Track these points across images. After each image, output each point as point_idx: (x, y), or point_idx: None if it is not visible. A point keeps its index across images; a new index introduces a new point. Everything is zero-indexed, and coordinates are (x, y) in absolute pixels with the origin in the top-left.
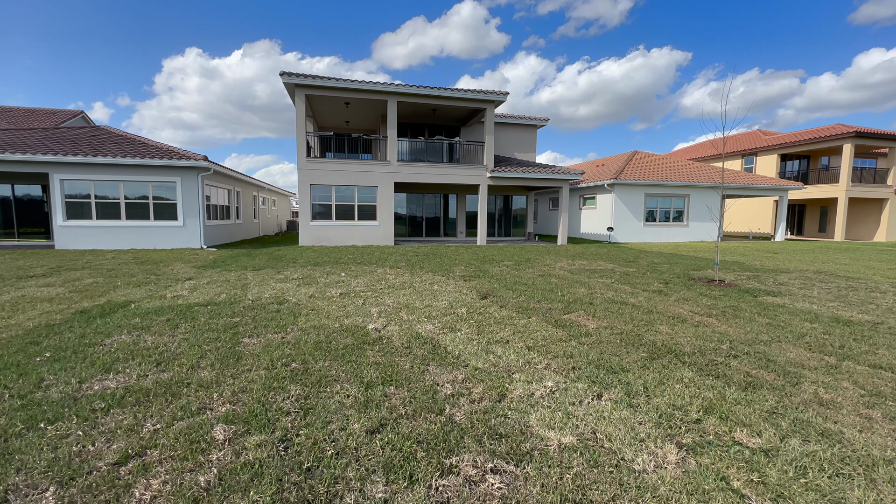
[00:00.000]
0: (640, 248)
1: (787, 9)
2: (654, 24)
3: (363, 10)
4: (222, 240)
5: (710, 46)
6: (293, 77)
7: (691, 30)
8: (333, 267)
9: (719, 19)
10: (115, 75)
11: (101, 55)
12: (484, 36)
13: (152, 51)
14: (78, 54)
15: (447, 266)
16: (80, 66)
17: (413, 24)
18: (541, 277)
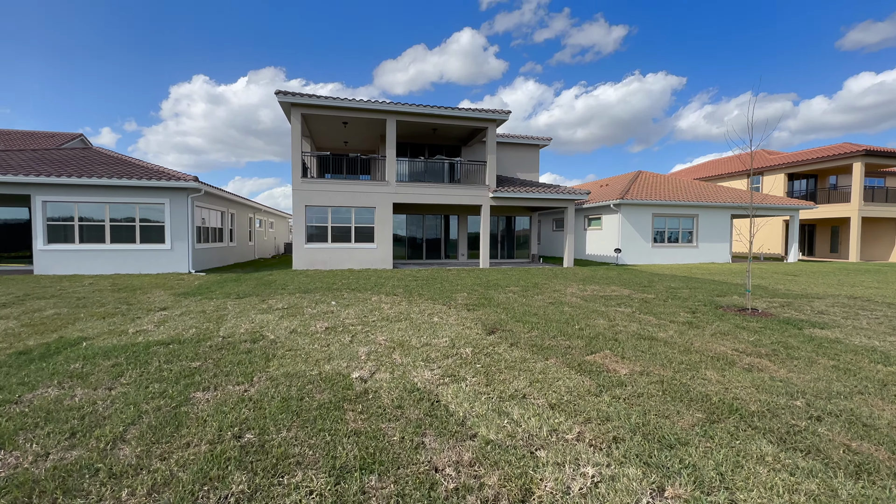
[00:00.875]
0: (652, 271)
1: (777, 35)
2: (648, 51)
3: (365, 38)
4: (213, 263)
5: (704, 71)
6: (289, 96)
7: (685, 55)
8: (324, 294)
9: (712, 45)
10: (124, 102)
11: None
12: (482, 62)
13: (160, 78)
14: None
15: (448, 293)
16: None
17: (413, 52)
18: (552, 306)
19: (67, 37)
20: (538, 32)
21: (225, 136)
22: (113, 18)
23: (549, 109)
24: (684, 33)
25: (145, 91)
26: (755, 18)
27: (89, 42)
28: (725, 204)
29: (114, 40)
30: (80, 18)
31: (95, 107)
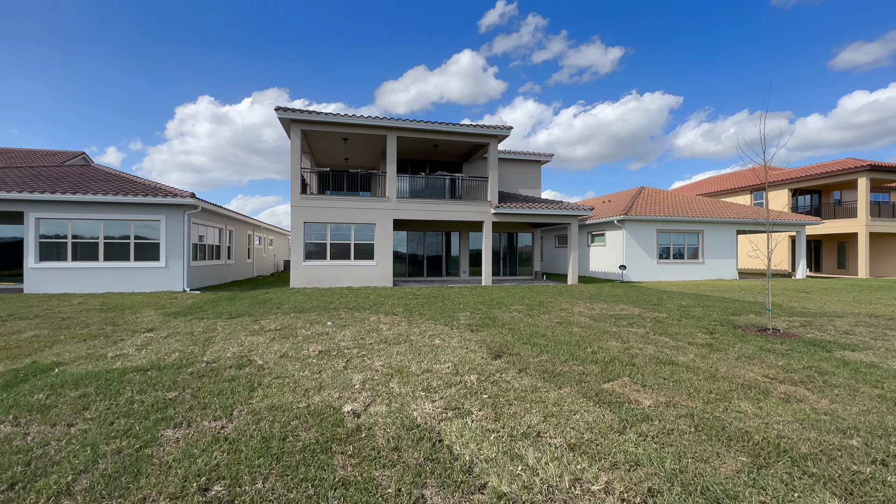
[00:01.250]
0: (659, 288)
1: (771, 55)
2: (645, 71)
3: (367, 61)
4: (210, 281)
5: (700, 90)
6: (288, 112)
7: (680, 75)
8: (320, 314)
9: (707, 65)
10: (130, 122)
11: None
12: (482, 83)
13: (166, 99)
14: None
15: (450, 312)
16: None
17: (414, 73)
18: (560, 326)
19: (77, 61)
20: (536, 54)
21: (228, 154)
22: (120, 41)
23: (548, 128)
24: (679, 54)
25: (151, 112)
26: (749, 39)
27: (98, 65)
28: (731, 220)
29: (121, 64)
30: (89, 43)
31: (102, 127)
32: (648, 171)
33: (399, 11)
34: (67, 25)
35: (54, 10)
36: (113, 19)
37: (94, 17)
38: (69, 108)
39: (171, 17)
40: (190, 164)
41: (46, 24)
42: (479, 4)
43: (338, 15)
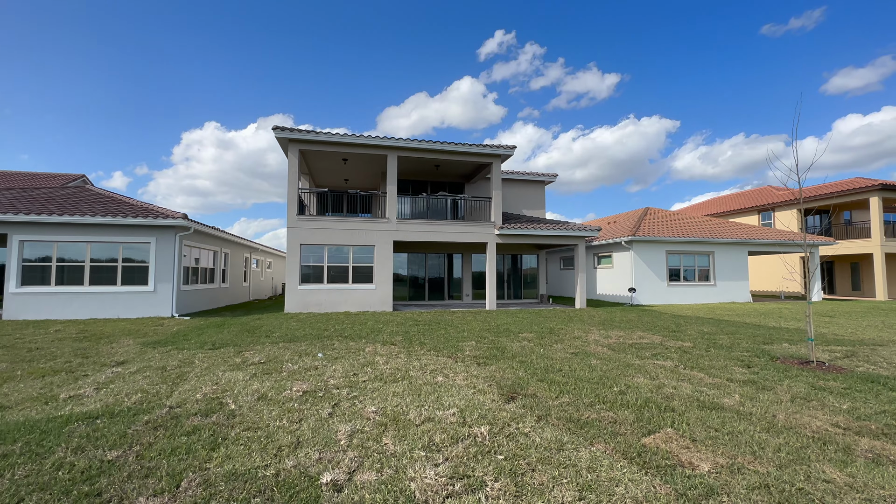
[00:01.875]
0: (672, 312)
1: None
2: (641, 96)
3: (370, 89)
4: (201, 306)
5: (697, 114)
6: (286, 131)
7: (677, 100)
8: (312, 344)
9: (703, 90)
10: (136, 147)
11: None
12: (482, 108)
13: (173, 125)
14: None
15: (454, 341)
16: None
17: (416, 99)
18: (577, 358)
19: (85, 89)
20: (534, 80)
21: (232, 178)
22: (128, 68)
23: (547, 151)
24: (675, 80)
25: (158, 138)
26: (742, 66)
27: (106, 92)
28: (742, 240)
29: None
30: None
31: (108, 152)
32: (647, 194)
33: (402, 41)
34: (76, 53)
35: (60, 35)
36: (120, 46)
37: (100, 43)
38: (77, 134)
39: (180, 45)
40: (194, 188)
41: (54, 52)
42: (479, 34)
43: (342, 44)
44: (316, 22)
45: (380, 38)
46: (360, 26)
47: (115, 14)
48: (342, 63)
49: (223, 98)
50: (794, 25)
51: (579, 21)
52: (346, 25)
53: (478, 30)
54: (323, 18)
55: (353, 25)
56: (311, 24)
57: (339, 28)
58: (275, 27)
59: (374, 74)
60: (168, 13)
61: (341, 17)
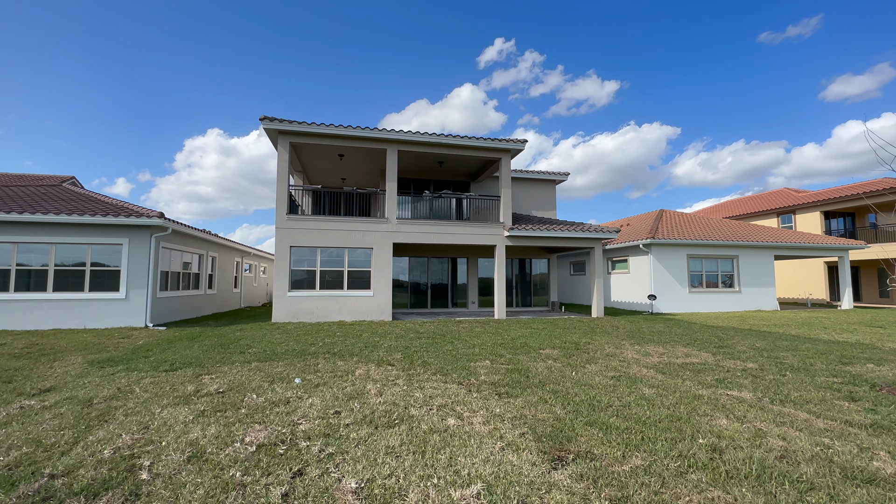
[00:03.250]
0: (702, 322)
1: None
2: (641, 103)
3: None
4: (183, 314)
5: (698, 121)
6: (275, 122)
7: (677, 107)
8: (292, 363)
9: (703, 97)
10: (139, 153)
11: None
12: (482, 115)
13: (176, 131)
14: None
15: (464, 360)
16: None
17: (416, 106)
18: (622, 385)
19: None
20: (534, 88)
21: (234, 185)
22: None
23: (548, 158)
24: (675, 87)
25: (161, 144)
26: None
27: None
28: (769, 244)
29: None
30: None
31: (112, 158)
32: (648, 200)
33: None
34: (79, 60)
35: (64, 41)
36: (123, 52)
37: (104, 50)
38: (81, 140)
39: (183, 51)
40: (196, 195)
41: (57, 59)
42: (478, 42)
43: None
44: (318, 30)
45: (381, 46)
46: (361, 34)
47: (117, 20)
48: (343, 70)
49: (226, 105)
50: (792, 33)
51: (578, 29)
52: (348, 33)
53: (477, 38)
54: (325, 27)
55: (354, 33)
56: (313, 33)
57: (341, 36)
58: (277, 35)
59: (375, 82)
60: (172, 19)
61: (343, 25)
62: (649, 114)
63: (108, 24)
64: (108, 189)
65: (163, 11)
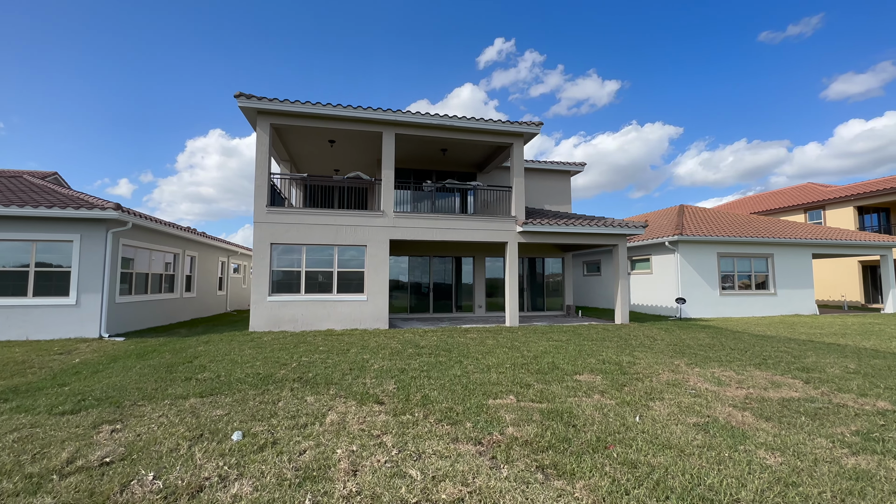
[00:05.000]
0: (743, 330)
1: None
2: (642, 103)
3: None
4: (151, 321)
5: (700, 120)
6: (253, 100)
7: (679, 107)
8: (243, 399)
9: (705, 96)
10: (142, 154)
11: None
12: (482, 114)
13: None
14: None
15: (479, 394)
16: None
17: (417, 107)
18: (718, 442)
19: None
20: (534, 88)
21: (237, 185)
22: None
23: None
24: (676, 86)
25: (163, 145)
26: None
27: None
28: (807, 241)
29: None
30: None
31: (115, 160)
32: (650, 200)
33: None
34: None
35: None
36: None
37: (105, 52)
38: (84, 142)
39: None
40: (198, 195)
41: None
42: (478, 42)
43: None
44: (317, 30)
45: (381, 46)
46: (361, 35)
47: (119, 22)
48: (343, 71)
49: (227, 105)
50: (793, 32)
51: (578, 29)
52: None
53: (477, 37)
54: (324, 27)
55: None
56: (313, 33)
57: (340, 36)
58: (277, 35)
59: (375, 83)
60: (173, 21)
61: (342, 25)
62: (651, 113)
63: (109, 22)
64: (110, 190)
65: (163, 10)
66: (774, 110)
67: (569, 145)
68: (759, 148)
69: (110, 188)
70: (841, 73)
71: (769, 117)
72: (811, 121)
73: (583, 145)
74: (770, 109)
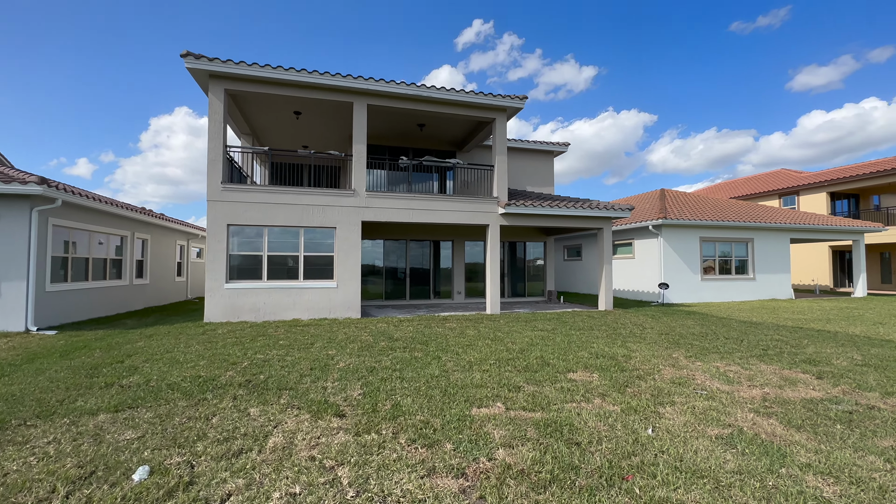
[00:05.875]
0: (732, 317)
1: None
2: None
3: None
4: (94, 311)
5: (673, 108)
6: (203, 61)
7: (653, 94)
8: (169, 414)
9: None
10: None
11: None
12: None
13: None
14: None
15: (460, 400)
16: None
17: None
18: (752, 464)
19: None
20: (512, 71)
21: (205, 166)
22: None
23: None
24: (650, 74)
25: (125, 122)
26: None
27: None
28: (786, 226)
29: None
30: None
31: (73, 137)
32: (624, 186)
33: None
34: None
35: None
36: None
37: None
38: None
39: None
40: (165, 177)
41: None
42: (456, 23)
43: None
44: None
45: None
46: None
47: None
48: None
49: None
50: (762, 23)
51: (556, 13)
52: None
53: (455, 18)
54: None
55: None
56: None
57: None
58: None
59: (353, 63)
60: None
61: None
62: (627, 101)
63: None
64: (68, 170)
65: None
66: (743, 100)
67: (546, 131)
68: (727, 137)
69: (69, 168)
70: (806, 64)
71: (738, 107)
72: (777, 111)
73: (560, 131)
74: (739, 99)
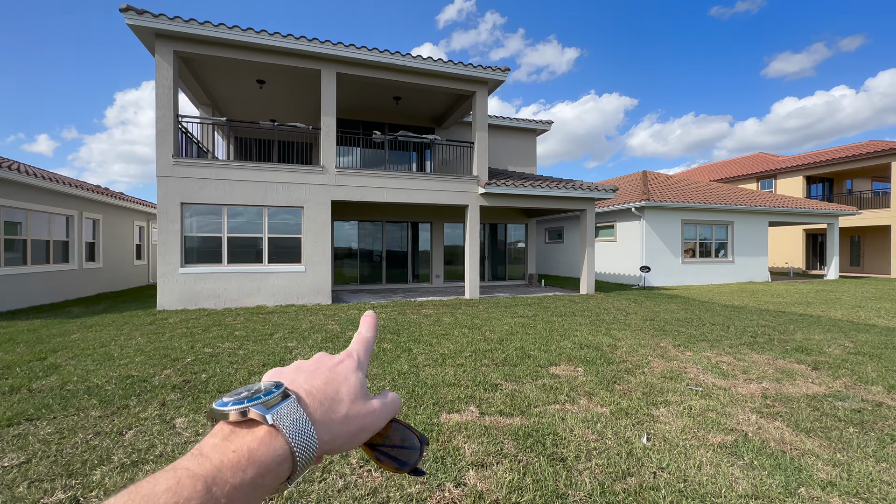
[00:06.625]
0: (713, 300)
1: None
2: (599, 73)
3: None
4: (34, 299)
5: (653, 93)
6: (146, 17)
7: (634, 78)
8: (82, 423)
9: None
10: (63, 108)
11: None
12: None
13: (104, 83)
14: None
15: (429, 402)
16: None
17: None
18: (765, 481)
19: None
20: (494, 51)
21: None
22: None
23: None
24: (632, 58)
25: (88, 97)
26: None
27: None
28: (766, 209)
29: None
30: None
31: (32, 113)
32: (604, 169)
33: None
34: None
35: None
36: None
37: None
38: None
39: None
40: (133, 155)
41: None
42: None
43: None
44: None
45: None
46: None
47: None
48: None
49: None
50: (741, 8)
51: None
52: None
53: None
54: None
55: None
56: None
57: None
58: None
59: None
60: None
61: None
62: (608, 84)
63: None
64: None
65: None
66: (720, 86)
67: (528, 112)
68: (704, 122)
69: (29, 145)
70: (780, 51)
71: (715, 92)
72: (752, 97)
73: (542, 113)
74: (716, 85)
